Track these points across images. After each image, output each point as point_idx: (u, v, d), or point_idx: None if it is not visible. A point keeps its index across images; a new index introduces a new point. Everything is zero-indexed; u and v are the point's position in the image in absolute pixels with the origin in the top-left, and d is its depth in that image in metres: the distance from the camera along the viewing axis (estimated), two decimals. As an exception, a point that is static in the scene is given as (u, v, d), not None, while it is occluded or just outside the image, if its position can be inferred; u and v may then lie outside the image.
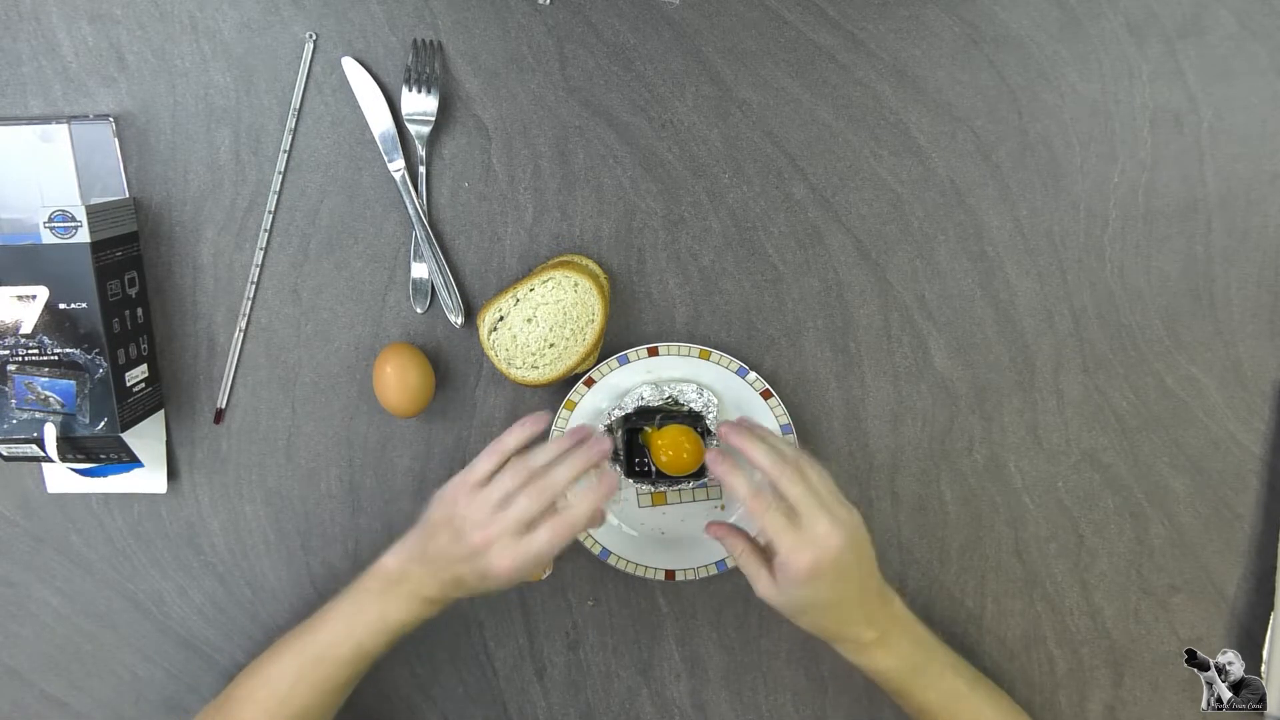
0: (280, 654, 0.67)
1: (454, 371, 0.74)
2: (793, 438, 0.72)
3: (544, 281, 0.69)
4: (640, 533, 0.76)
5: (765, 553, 0.65)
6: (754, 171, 0.71)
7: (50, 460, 0.66)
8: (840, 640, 0.65)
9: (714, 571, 0.74)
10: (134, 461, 0.72)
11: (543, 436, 0.65)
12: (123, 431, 0.66)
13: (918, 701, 0.67)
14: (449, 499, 0.63)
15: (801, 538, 0.60)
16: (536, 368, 0.71)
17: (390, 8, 0.69)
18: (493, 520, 0.60)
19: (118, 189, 0.70)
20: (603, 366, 0.72)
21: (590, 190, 0.71)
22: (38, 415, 0.65)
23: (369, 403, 0.74)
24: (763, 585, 0.63)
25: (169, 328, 0.73)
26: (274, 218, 0.71)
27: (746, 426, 0.67)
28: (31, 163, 0.69)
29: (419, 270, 0.72)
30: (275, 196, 0.71)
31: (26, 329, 0.64)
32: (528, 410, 0.74)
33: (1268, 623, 0.74)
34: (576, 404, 0.73)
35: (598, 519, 0.65)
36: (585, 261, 0.72)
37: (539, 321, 0.70)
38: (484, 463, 0.63)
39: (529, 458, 0.63)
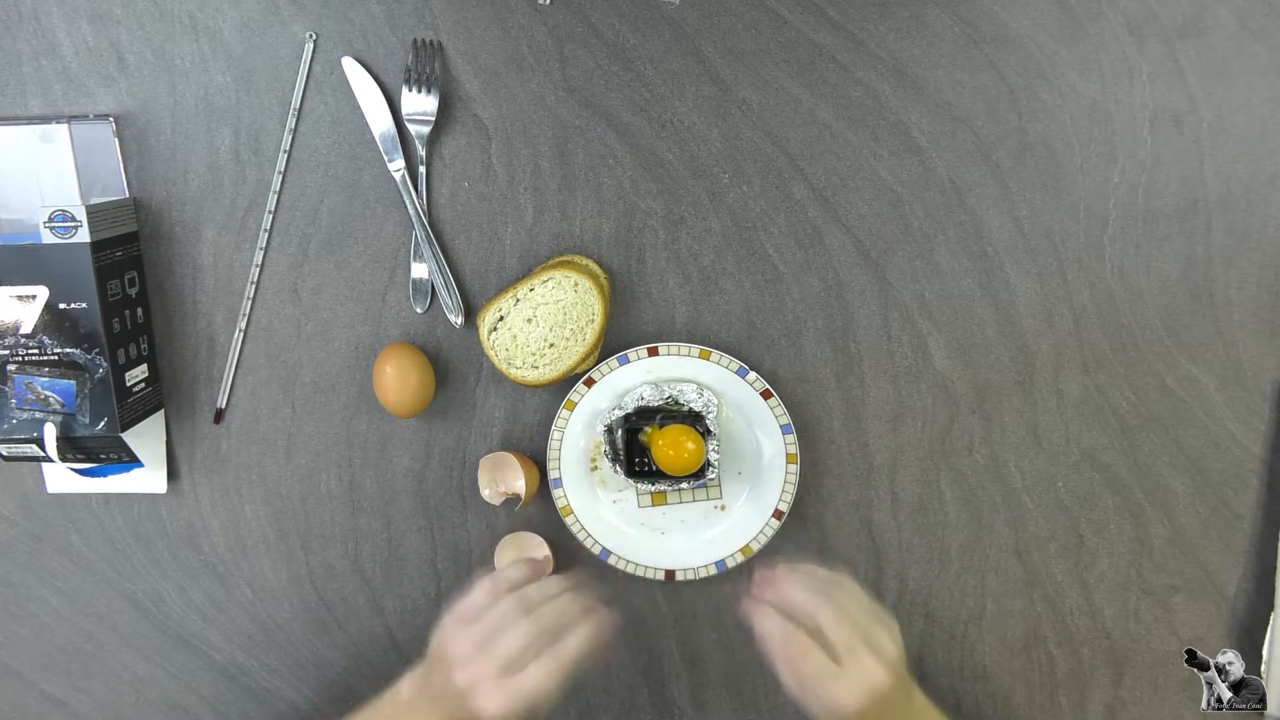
0: None
1: (454, 371, 0.74)
2: (792, 439, 0.73)
3: (544, 281, 0.69)
4: (640, 533, 0.76)
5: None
6: (754, 171, 0.71)
7: (50, 460, 0.66)
8: None
9: (714, 571, 0.74)
10: (134, 461, 0.72)
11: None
12: (123, 431, 0.66)
13: None
14: (442, 632, 0.60)
15: (847, 676, 0.57)
16: (536, 368, 0.71)
17: (390, 8, 0.69)
18: (476, 658, 0.57)
19: (118, 189, 0.70)
20: (603, 366, 0.72)
21: (590, 190, 0.71)
22: (38, 415, 0.65)
23: (369, 403, 0.74)
24: (791, 685, 0.59)
25: (169, 328, 0.73)
26: (274, 218, 0.71)
27: (771, 577, 0.63)
28: (31, 163, 0.69)
29: (419, 270, 0.72)
30: (275, 196, 0.71)
31: (26, 329, 0.64)
32: (528, 410, 0.74)
33: (1268, 623, 0.74)
34: (576, 404, 0.73)
35: (595, 656, 0.60)
36: (585, 261, 0.72)
37: (539, 321, 0.70)
38: (477, 595, 0.61)
39: (523, 592, 0.60)
